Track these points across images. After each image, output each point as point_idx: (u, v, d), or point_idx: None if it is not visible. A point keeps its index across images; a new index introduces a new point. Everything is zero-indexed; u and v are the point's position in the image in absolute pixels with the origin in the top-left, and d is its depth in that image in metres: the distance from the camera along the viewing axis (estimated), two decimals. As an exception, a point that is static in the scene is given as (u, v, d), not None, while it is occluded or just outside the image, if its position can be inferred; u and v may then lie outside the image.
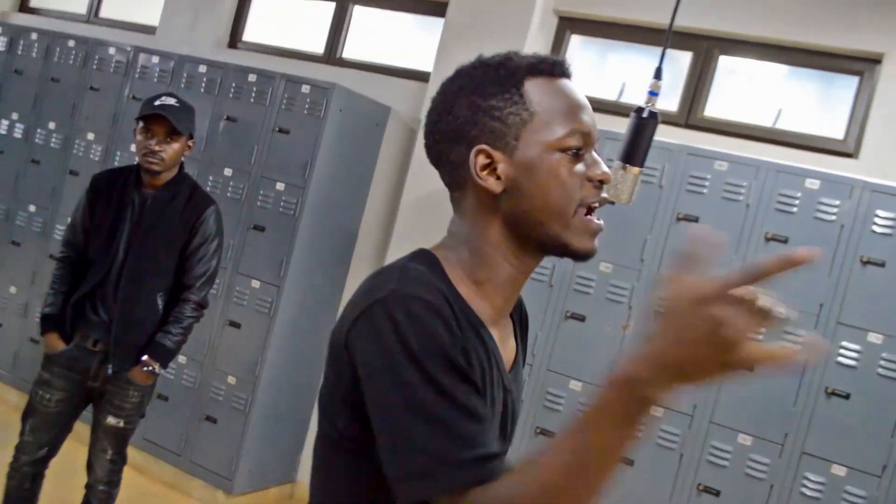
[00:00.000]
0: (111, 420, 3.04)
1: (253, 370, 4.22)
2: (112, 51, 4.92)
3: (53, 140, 5.04)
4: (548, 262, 3.65)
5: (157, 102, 3.02)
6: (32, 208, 5.05)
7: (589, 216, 1.14)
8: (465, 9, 4.30)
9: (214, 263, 3.12)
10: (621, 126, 3.71)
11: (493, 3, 4.22)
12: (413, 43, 4.89)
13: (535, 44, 4.19)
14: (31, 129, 5.13)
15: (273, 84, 4.33)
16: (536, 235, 1.14)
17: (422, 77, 4.53)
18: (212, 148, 4.44)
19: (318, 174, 4.20)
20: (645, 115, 1.97)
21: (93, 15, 5.98)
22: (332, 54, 4.96)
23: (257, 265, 4.26)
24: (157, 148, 2.98)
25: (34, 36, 5.24)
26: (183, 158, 3.15)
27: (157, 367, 3.03)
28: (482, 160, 1.13)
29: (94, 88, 4.91)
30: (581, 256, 1.15)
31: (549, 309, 3.64)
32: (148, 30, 5.55)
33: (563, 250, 1.15)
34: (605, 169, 1.13)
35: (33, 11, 6.29)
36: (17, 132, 5.19)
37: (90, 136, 4.88)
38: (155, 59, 4.75)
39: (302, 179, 4.19)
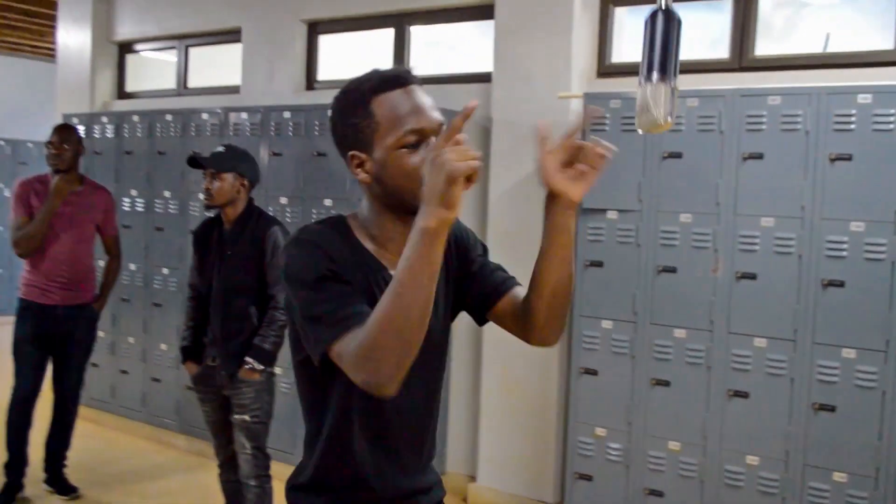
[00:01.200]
0: (237, 417, 3.58)
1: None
2: (205, 116, 5.40)
3: (171, 207, 5.56)
4: (630, 223, 3.88)
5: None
6: (165, 271, 5.58)
7: None
8: (509, 5, 4.56)
9: None
10: (680, 84, 3.90)
11: (535, -5, 4.48)
12: (473, 46, 5.18)
13: (582, 24, 4.41)
14: (150, 200, 5.67)
15: (351, 114, 4.68)
16: (399, 206, 1.57)
17: (485, 78, 4.81)
18: (310, 184, 4.83)
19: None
20: (661, 14, 1.75)
21: (182, 87, 6.52)
22: (400, 75, 5.29)
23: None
24: (205, 186, 3.60)
25: (136, 118, 5.79)
26: (252, 196, 3.71)
27: (256, 363, 3.51)
28: (356, 161, 1.57)
29: (196, 153, 5.38)
30: None
31: (641, 267, 3.86)
32: (232, 90, 6.02)
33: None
34: None
35: (130, 96, 6.89)
36: (139, 206, 5.74)
37: (202, 196, 5.35)
38: (244, 115, 5.20)
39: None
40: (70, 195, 4.39)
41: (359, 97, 1.55)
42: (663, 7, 1.76)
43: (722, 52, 4.17)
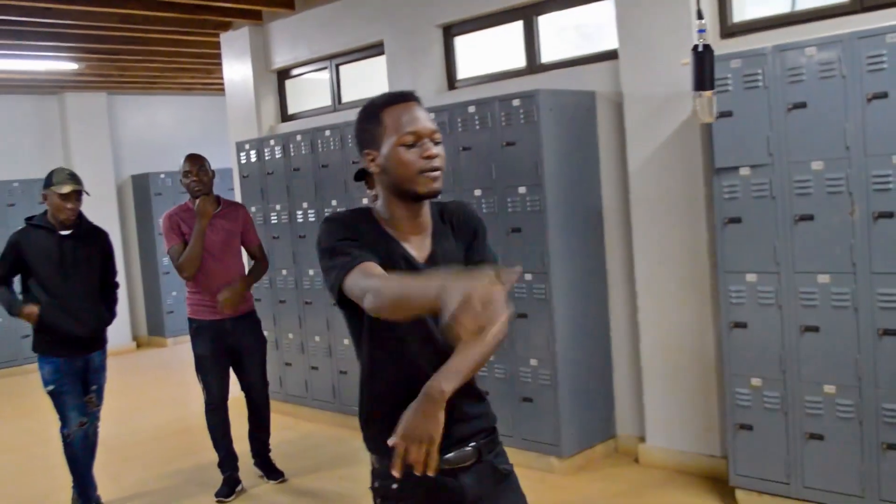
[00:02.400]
0: None
1: (549, 349, 4.86)
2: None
3: (338, 214, 6.05)
4: (763, 177, 3.97)
5: None
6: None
7: (426, 174, 2.01)
8: (628, -16, 4.75)
9: None
10: (802, 34, 3.96)
11: (650, -30, 4.63)
12: (598, 26, 5.36)
13: (699, -10, 4.53)
14: (320, 210, 6.20)
15: (490, 108, 5.00)
16: (402, 192, 2.06)
17: (612, 55, 5.00)
18: (458, 176, 5.18)
19: (550, 169, 4.80)
20: (700, 49, 2.64)
21: (337, 103, 7.04)
22: (533, 63, 5.56)
23: (523, 261, 4.89)
24: (373, 194, 3.91)
25: (299, 137, 6.34)
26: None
27: None
28: (369, 157, 2.08)
29: (355, 162, 5.85)
30: (428, 196, 2.05)
31: (779, 218, 3.95)
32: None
33: (417, 196, 2.05)
34: (431, 151, 2.01)
35: (293, 118, 7.50)
36: (311, 216, 6.28)
37: (364, 201, 5.82)
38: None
39: (537, 178, 4.80)
40: (213, 217, 4.87)
41: (373, 110, 2.07)
42: (700, 44, 2.81)
43: (842, -4, 4.19)
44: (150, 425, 6.90)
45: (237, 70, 7.60)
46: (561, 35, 5.62)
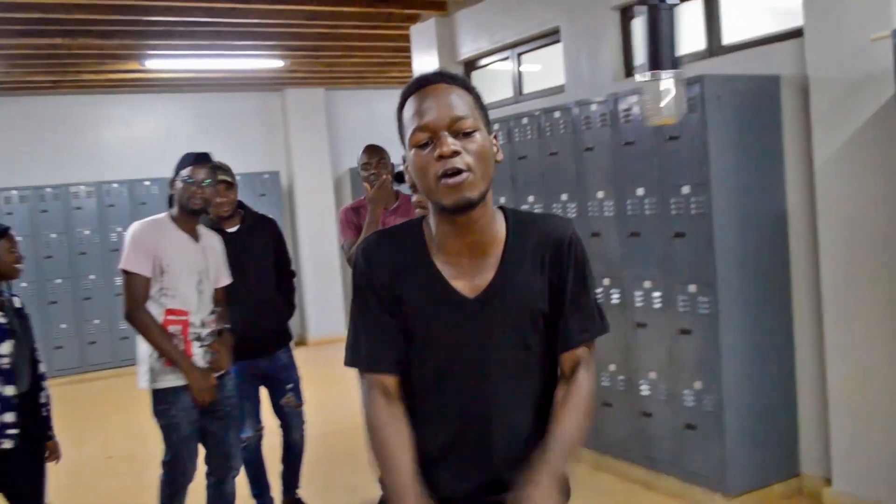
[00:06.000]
0: None
1: (714, 371, 4.26)
2: (525, 121, 5.47)
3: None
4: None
5: None
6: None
7: (443, 180, 1.56)
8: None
9: None
10: None
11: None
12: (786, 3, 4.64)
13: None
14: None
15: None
16: (434, 205, 1.65)
17: (797, 33, 4.27)
18: (623, 170, 4.67)
19: (718, 166, 4.19)
20: (654, 2, 1.75)
21: (518, 94, 6.68)
22: (713, 45, 4.91)
23: (689, 270, 4.33)
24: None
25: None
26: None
27: None
28: (406, 164, 1.70)
29: (521, 158, 5.49)
30: (450, 210, 1.60)
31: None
32: (557, 90, 6.04)
33: (444, 209, 1.61)
34: (444, 147, 1.55)
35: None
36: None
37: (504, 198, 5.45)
38: (557, 114, 5.18)
39: (702, 176, 4.21)
40: (387, 213, 4.38)
41: (399, 104, 1.68)
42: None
43: None
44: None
45: (426, 62, 7.41)
46: (745, 15, 4.92)
